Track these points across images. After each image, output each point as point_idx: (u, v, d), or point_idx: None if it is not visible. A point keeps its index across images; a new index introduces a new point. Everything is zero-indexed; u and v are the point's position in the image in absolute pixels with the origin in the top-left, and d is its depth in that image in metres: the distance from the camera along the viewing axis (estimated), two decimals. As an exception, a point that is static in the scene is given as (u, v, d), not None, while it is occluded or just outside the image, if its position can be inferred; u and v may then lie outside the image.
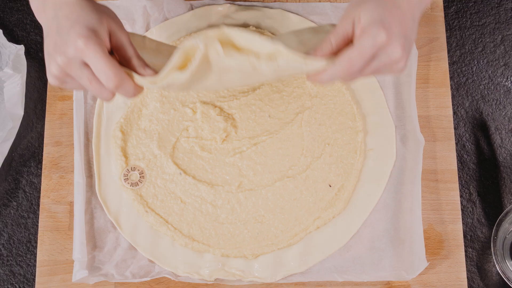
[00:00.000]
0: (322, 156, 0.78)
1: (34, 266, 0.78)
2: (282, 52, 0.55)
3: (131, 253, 0.76)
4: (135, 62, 0.59)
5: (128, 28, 0.83)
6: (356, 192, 0.78)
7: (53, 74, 0.57)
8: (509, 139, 0.83)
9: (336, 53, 0.58)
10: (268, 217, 0.77)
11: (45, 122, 0.81)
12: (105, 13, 0.59)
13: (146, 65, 0.59)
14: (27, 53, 0.84)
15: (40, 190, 0.79)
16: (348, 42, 0.59)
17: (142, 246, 0.76)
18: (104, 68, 0.54)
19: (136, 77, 0.57)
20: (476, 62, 0.86)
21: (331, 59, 0.57)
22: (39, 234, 0.77)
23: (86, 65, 0.55)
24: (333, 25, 0.66)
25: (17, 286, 0.77)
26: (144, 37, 0.68)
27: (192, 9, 0.84)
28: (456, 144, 0.83)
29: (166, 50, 0.68)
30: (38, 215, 0.79)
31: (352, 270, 0.76)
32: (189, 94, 0.80)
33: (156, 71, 0.58)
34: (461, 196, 0.81)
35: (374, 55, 0.56)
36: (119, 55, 0.59)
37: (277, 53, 0.55)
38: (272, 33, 0.84)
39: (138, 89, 0.58)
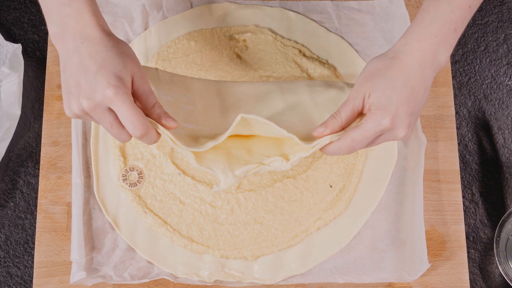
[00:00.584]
0: (323, 156, 0.78)
1: (32, 267, 0.78)
2: (295, 140, 0.62)
3: (129, 254, 0.76)
4: (157, 110, 0.61)
5: (127, 28, 0.83)
6: (357, 192, 0.78)
7: (74, 112, 0.60)
8: (512, 139, 0.83)
9: (344, 127, 0.62)
10: (268, 218, 0.77)
11: (43, 122, 0.81)
12: (128, 56, 0.60)
13: (166, 114, 0.61)
14: (25, 52, 0.84)
15: (37, 190, 0.79)
16: (358, 115, 0.63)
17: (141, 247, 0.76)
18: (131, 118, 0.57)
19: (160, 128, 0.60)
20: (478, 61, 0.86)
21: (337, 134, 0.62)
22: (36, 235, 0.77)
23: (110, 110, 0.58)
24: (346, 84, 0.74)
25: (14, 287, 0.77)
26: (157, 69, 0.71)
27: (192, 7, 0.84)
28: (459, 144, 0.83)
29: (179, 81, 0.71)
30: (36, 216, 0.79)
31: (353, 272, 0.76)
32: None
33: (175, 121, 0.61)
34: (463, 197, 0.81)
35: (377, 136, 0.61)
36: (139, 101, 0.61)
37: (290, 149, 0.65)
38: (272, 32, 0.84)
39: (159, 137, 0.61)
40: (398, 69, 0.61)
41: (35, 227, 0.78)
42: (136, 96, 0.61)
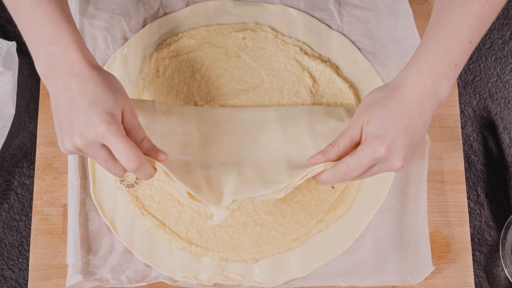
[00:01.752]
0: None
1: (27, 270, 0.78)
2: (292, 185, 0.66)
3: (127, 257, 0.76)
4: (145, 145, 0.64)
5: (124, 25, 0.83)
6: (359, 194, 0.78)
7: (68, 150, 0.62)
8: (518, 139, 0.83)
9: (341, 156, 0.64)
10: (268, 220, 0.77)
11: (38, 121, 0.81)
12: (118, 90, 0.62)
13: (155, 147, 0.64)
14: (19, 50, 0.84)
15: (32, 191, 0.79)
16: (355, 145, 0.64)
17: (138, 250, 0.76)
18: (125, 151, 0.59)
19: (156, 162, 0.63)
20: (484, 59, 0.86)
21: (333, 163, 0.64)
22: (31, 238, 0.77)
23: (103, 146, 0.60)
24: (346, 112, 0.77)
25: (9, 291, 0.77)
26: (154, 101, 0.74)
27: (189, 4, 0.84)
28: (463, 144, 0.83)
29: (176, 111, 0.74)
30: (31, 217, 0.78)
31: (355, 275, 0.76)
32: (188, 92, 0.80)
33: (165, 154, 0.64)
34: (468, 198, 0.81)
35: (373, 165, 0.62)
36: (129, 136, 0.62)
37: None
38: (273, 29, 0.84)
39: (155, 171, 0.63)
40: (397, 101, 0.62)
41: (30, 229, 0.78)
42: (125, 131, 0.62)
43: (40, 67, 0.62)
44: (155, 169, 0.63)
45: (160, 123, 0.72)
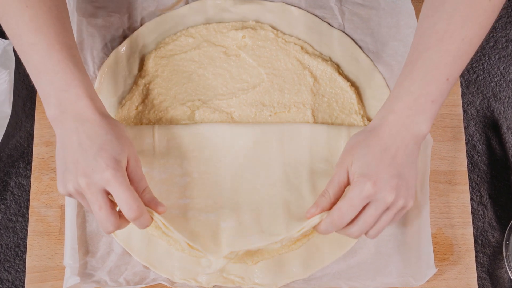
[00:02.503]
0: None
1: (23, 272, 0.77)
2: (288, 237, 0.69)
3: (125, 259, 0.76)
4: (146, 196, 0.67)
5: (122, 23, 0.83)
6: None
7: (67, 189, 0.64)
8: (522, 139, 0.83)
9: (334, 203, 0.66)
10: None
11: (35, 121, 0.80)
12: (125, 139, 0.66)
13: (155, 200, 0.67)
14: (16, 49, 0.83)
15: (29, 192, 0.79)
16: (345, 188, 0.67)
17: (137, 252, 0.76)
18: (127, 200, 0.61)
19: (155, 214, 0.66)
20: (487, 58, 0.86)
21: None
22: (28, 239, 0.77)
23: (104, 192, 0.62)
24: (349, 130, 0.78)
25: (5, 293, 0.77)
26: (154, 126, 0.77)
27: (188, 2, 0.84)
28: (466, 144, 0.83)
29: (175, 150, 0.76)
30: (27, 218, 0.78)
31: (357, 276, 0.76)
32: (186, 91, 0.80)
33: (164, 206, 0.67)
34: (471, 199, 0.81)
35: (365, 203, 0.63)
36: (131, 184, 0.65)
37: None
38: (273, 28, 0.83)
39: (151, 222, 0.66)
40: (376, 139, 0.65)
41: (26, 230, 0.78)
42: (129, 179, 0.65)
43: (50, 112, 0.65)
44: (152, 219, 0.66)
45: (159, 169, 0.75)
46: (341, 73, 0.82)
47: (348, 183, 0.66)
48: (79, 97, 0.64)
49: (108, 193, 0.63)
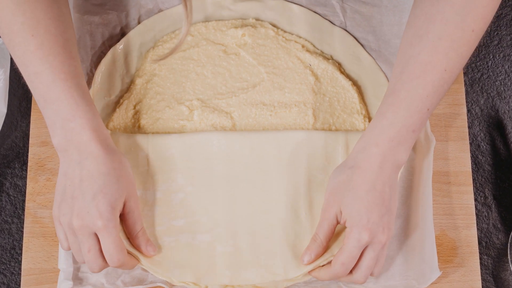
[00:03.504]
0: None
1: (19, 274, 0.77)
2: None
3: (122, 261, 0.76)
4: (140, 238, 0.71)
5: (120, 21, 0.83)
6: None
7: (60, 221, 0.67)
8: (527, 139, 0.83)
9: (326, 246, 0.71)
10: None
11: (31, 121, 0.80)
12: (126, 178, 0.68)
13: (148, 242, 0.71)
14: (11, 47, 0.83)
15: (25, 193, 0.79)
16: (335, 228, 0.70)
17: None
18: (112, 251, 0.66)
19: (141, 258, 0.72)
20: (491, 57, 0.86)
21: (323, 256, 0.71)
22: (24, 241, 0.76)
23: (95, 235, 0.66)
24: (346, 138, 0.79)
25: (1, 296, 0.77)
26: (148, 135, 0.77)
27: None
28: (470, 144, 0.82)
29: (169, 162, 0.76)
30: (23, 220, 0.78)
31: (359, 279, 0.76)
32: (185, 90, 0.80)
33: (155, 249, 0.72)
34: (475, 200, 0.81)
35: (363, 250, 0.67)
36: (126, 225, 0.70)
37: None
38: (274, 25, 0.83)
39: (135, 265, 0.71)
40: (359, 178, 0.67)
41: (22, 232, 0.78)
42: (124, 219, 0.70)
43: (56, 141, 0.67)
44: (135, 263, 0.71)
45: (153, 188, 0.75)
46: (342, 72, 0.82)
47: (337, 223, 0.70)
48: (84, 128, 0.66)
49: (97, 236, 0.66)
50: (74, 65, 0.68)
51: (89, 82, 0.80)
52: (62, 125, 0.66)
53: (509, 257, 0.76)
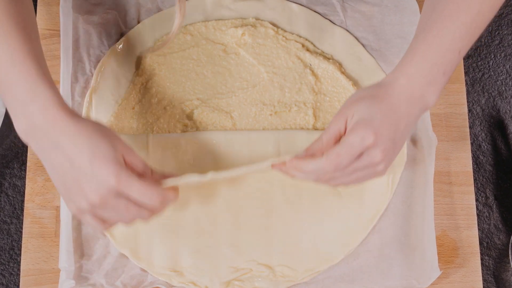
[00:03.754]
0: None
1: (18, 275, 0.77)
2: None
3: (122, 262, 0.76)
4: (156, 176, 0.65)
5: (119, 21, 0.83)
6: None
7: (81, 208, 0.61)
8: (528, 139, 0.83)
9: (325, 150, 0.64)
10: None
11: (30, 121, 0.80)
12: (110, 135, 0.62)
13: (167, 173, 0.67)
14: (10, 47, 0.83)
15: (24, 193, 0.79)
16: (339, 139, 0.64)
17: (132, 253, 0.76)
18: (144, 192, 0.60)
19: (167, 181, 0.65)
20: (492, 56, 0.86)
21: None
22: (23, 241, 0.76)
23: (119, 195, 0.60)
24: None
25: (0, 297, 0.77)
26: (148, 135, 0.76)
27: None
28: (471, 144, 0.82)
29: (171, 143, 0.76)
30: (22, 220, 0.78)
31: (359, 279, 0.76)
32: (185, 90, 0.80)
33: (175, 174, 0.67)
34: (476, 200, 0.81)
35: (360, 155, 0.62)
36: (134, 171, 0.63)
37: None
38: (273, 25, 0.83)
39: (177, 194, 0.64)
40: (385, 96, 0.63)
41: (21, 232, 0.78)
42: (129, 168, 0.63)
43: (19, 126, 0.61)
44: (177, 192, 0.65)
45: (154, 157, 0.74)
46: (343, 71, 0.82)
47: (343, 133, 0.64)
48: (46, 108, 0.60)
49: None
50: (34, 47, 0.62)
51: (88, 82, 0.79)
52: (22, 110, 0.60)
53: (510, 257, 0.76)
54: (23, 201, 0.79)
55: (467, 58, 0.85)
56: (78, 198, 0.61)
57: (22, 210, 0.79)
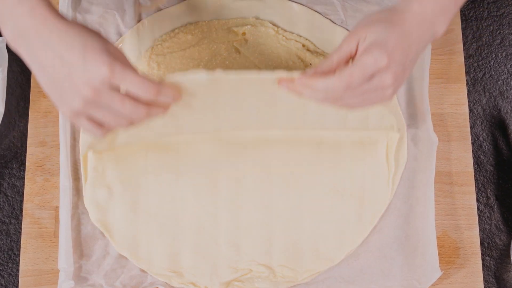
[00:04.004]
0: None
1: (17, 276, 0.77)
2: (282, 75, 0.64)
3: (121, 262, 0.75)
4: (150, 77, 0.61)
5: (118, 20, 0.83)
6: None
7: (74, 109, 0.58)
8: (530, 139, 0.83)
9: (334, 70, 0.62)
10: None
11: (29, 121, 0.80)
12: (100, 35, 0.59)
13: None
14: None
15: (23, 194, 0.79)
16: (348, 61, 0.63)
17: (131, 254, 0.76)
18: (139, 82, 0.57)
19: (171, 76, 0.62)
20: (494, 56, 0.86)
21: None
22: (22, 242, 0.76)
23: (114, 88, 0.57)
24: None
25: (-2, 297, 0.77)
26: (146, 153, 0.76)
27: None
28: (472, 144, 0.82)
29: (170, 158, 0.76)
30: (21, 221, 0.78)
31: (360, 280, 0.76)
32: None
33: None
34: (477, 200, 0.81)
35: (371, 77, 0.60)
36: None
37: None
38: (274, 24, 0.83)
39: (176, 91, 0.61)
40: (398, 21, 0.62)
41: (20, 232, 0.78)
42: None
43: (7, 32, 0.59)
44: (178, 91, 0.62)
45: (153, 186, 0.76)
46: (343, 71, 0.82)
47: (354, 55, 0.63)
48: (34, 8, 0.58)
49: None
50: None
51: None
52: (9, 13, 0.58)
53: (511, 258, 0.76)
54: (22, 201, 0.79)
55: (468, 57, 0.85)
56: (71, 97, 0.58)
57: (21, 210, 0.79)
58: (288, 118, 0.72)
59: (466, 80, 0.84)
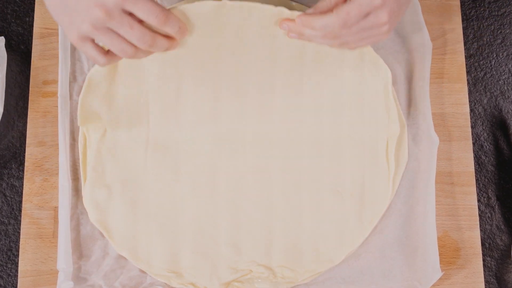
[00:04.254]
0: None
1: (16, 276, 0.77)
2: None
3: (120, 263, 0.75)
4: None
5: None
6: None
7: (82, 33, 0.60)
8: (531, 139, 0.83)
9: (332, 9, 0.63)
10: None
11: (28, 121, 0.80)
12: None
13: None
14: (8, 45, 0.83)
15: (21, 194, 0.79)
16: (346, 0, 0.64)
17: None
18: (150, 7, 0.59)
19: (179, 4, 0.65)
20: (495, 55, 0.86)
21: None
22: (21, 242, 0.76)
23: (125, 11, 0.59)
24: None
25: (-3, 298, 0.77)
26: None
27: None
28: (473, 144, 0.82)
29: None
30: (20, 221, 0.78)
31: (360, 281, 0.76)
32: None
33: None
34: (478, 201, 0.81)
35: (367, 15, 0.62)
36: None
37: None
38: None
39: (182, 22, 0.64)
40: None
41: (19, 233, 0.78)
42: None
43: None
44: (183, 23, 0.64)
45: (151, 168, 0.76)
46: (344, 70, 0.82)
47: None
48: None
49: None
50: None
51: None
52: None
53: (512, 258, 0.76)
54: (21, 201, 0.79)
55: (469, 57, 0.85)
56: (80, 19, 0.59)
57: (20, 210, 0.79)
58: (286, 70, 0.74)
59: (467, 80, 0.84)
